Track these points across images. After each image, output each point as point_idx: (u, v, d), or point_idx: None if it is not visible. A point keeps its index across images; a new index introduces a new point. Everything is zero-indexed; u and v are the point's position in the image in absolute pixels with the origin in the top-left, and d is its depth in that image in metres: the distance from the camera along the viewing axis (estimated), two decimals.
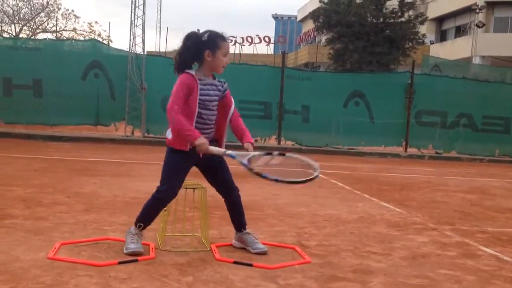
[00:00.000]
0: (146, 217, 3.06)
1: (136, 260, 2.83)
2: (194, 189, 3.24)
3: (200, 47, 2.96)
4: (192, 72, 2.98)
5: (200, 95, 2.96)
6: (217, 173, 3.15)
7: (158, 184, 3.06)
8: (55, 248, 2.92)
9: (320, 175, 2.91)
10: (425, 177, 8.29)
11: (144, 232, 3.09)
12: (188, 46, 2.98)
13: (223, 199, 3.24)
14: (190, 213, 3.69)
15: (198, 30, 3.09)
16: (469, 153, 13.13)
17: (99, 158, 7.99)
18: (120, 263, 2.76)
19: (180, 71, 3.00)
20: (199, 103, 2.96)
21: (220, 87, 3.08)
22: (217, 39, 2.98)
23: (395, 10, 25.30)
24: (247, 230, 3.25)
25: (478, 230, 4.32)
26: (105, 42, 26.99)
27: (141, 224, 3.05)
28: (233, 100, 3.16)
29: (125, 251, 2.94)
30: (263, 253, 3.13)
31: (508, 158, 13.29)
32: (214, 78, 3.08)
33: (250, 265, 2.88)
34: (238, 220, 3.23)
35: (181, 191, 3.18)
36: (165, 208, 3.12)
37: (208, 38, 2.96)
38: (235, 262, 2.91)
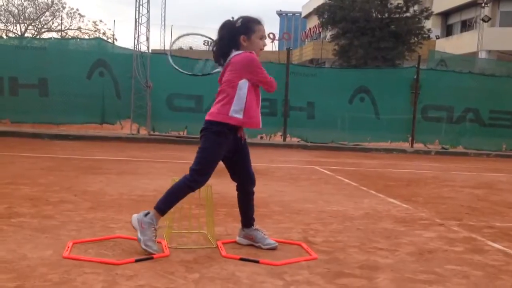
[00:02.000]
0: (170, 203, 3.00)
1: (152, 258, 2.83)
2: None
3: (236, 33, 3.00)
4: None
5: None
6: (244, 158, 3.14)
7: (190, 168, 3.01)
8: (68, 247, 2.93)
9: (326, 171, 2.90)
10: (431, 172, 8.26)
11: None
12: (223, 35, 3.03)
13: (236, 191, 3.22)
14: (196, 210, 3.70)
15: (232, 18, 3.12)
16: (476, 148, 13.07)
17: (105, 157, 8.02)
18: (137, 261, 2.77)
19: (219, 59, 3.06)
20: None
21: None
22: (251, 23, 3.02)
23: (400, 5, 25.15)
24: (255, 226, 3.25)
25: (486, 225, 4.29)
26: (110, 40, 27.04)
27: (162, 209, 2.98)
28: None
29: (144, 247, 2.88)
30: (274, 249, 3.14)
31: None
32: None
33: (257, 261, 2.88)
34: (248, 215, 3.22)
35: None
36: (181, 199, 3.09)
37: (241, 23, 3.01)
38: (241, 259, 2.91)
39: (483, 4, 26.83)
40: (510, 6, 28.81)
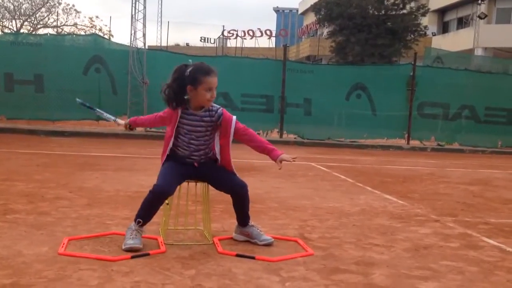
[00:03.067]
0: (144, 213, 3.04)
1: (148, 254, 2.83)
2: (196, 182, 3.24)
3: (183, 83, 3.03)
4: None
5: (179, 123, 3.10)
6: (217, 179, 3.17)
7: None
8: (64, 244, 2.92)
9: (323, 168, 2.92)
10: (427, 169, 8.28)
11: (145, 227, 3.08)
12: (174, 79, 3.07)
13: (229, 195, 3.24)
14: (192, 206, 3.70)
15: (190, 61, 3.14)
16: (471, 145, 13.10)
17: (102, 153, 8.00)
18: (133, 257, 2.77)
19: (171, 103, 3.10)
20: (176, 129, 3.11)
21: (207, 118, 3.11)
22: (199, 74, 3.01)
23: (396, 2, 25.18)
24: (251, 223, 3.25)
25: (481, 221, 4.31)
26: (106, 36, 26.97)
27: (140, 220, 3.03)
28: (233, 118, 3.16)
29: (123, 247, 2.91)
30: (270, 244, 3.15)
31: (511, 149, 13.26)
32: (206, 109, 3.11)
33: (253, 258, 2.89)
34: (243, 214, 3.23)
35: (184, 185, 3.18)
36: (167, 202, 3.12)
37: (189, 73, 3.02)
38: (237, 255, 2.91)
39: (479, 1, 26.85)
40: (507, 3, 28.86)
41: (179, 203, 3.32)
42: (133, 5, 12.02)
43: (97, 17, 35.24)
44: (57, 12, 33.47)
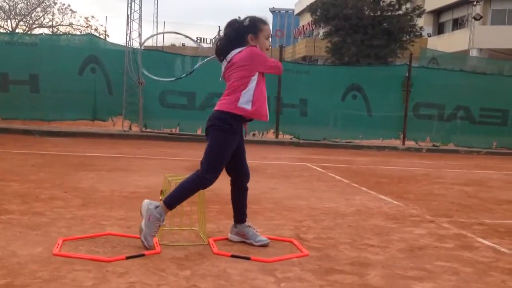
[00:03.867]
0: (179, 198, 3.01)
1: (143, 255, 2.83)
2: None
3: (243, 32, 3.06)
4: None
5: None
6: (241, 152, 3.17)
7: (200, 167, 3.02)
8: (58, 245, 2.91)
9: (319, 168, 2.93)
10: (422, 169, 8.30)
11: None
12: (229, 32, 3.07)
13: (230, 186, 3.23)
14: (187, 207, 3.69)
15: (239, 17, 3.15)
16: (466, 145, 13.14)
17: (97, 153, 7.98)
18: (128, 258, 2.76)
19: (223, 55, 3.08)
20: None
21: None
22: (259, 22, 3.08)
23: (392, 3, 25.24)
24: (247, 223, 3.25)
25: (476, 222, 4.33)
26: (101, 36, 26.90)
27: (170, 204, 2.99)
28: None
29: (142, 239, 2.92)
30: (266, 245, 3.15)
31: (506, 150, 13.31)
32: None
33: (248, 258, 2.89)
34: (242, 210, 3.22)
35: None
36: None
37: (249, 22, 3.07)
38: (232, 256, 2.91)
39: (474, 3, 26.95)
40: (502, 5, 28.99)
41: None
42: (129, 5, 12.00)
43: (92, 17, 35.24)
44: (53, 12, 33.39)
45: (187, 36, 3.65)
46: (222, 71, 3.13)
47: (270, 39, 3.15)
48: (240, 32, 3.05)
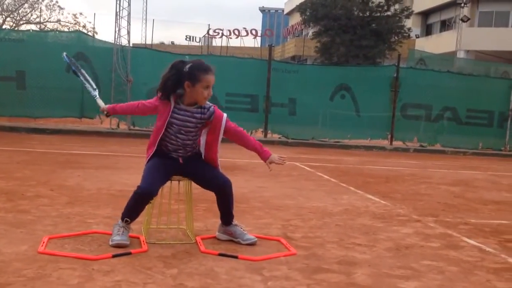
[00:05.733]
0: (130, 213, 3.05)
1: (129, 253, 2.81)
2: (179, 181, 3.23)
3: (181, 78, 3.02)
4: (171, 97, 3.09)
5: (171, 117, 3.07)
6: (201, 174, 3.17)
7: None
8: (44, 243, 2.88)
9: (307, 167, 2.94)
10: (409, 169, 8.36)
11: (132, 225, 3.07)
12: (171, 74, 3.05)
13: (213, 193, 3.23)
14: (175, 205, 3.68)
15: (186, 57, 3.14)
16: (453, 146, 13.26)
17: (84, 151, 7.91)
18: (114, 256, 2.74)
19: (162, 96, 3.10)
20: (167, 125, 3.08)
21: (198, 114, 3.11)
22: (198, 72, 3.02)
23: (381, 4, 25.38)
24: (235, 222, 3.24)
25: (461, 221, 4.37)
26: (90, 33, 26.67)
27: (127, 219, 3.04)
28: (224, 117, 3.18)
29: (110, 243, 2.93)
30: (254, 244, 3.15)
31: (491, 151, 13.46)
32: (198, 106, 3.11)
33: (235, 257, 2.88)
34: (228, 214, 3.22)
35: (167, 183, 3.16)
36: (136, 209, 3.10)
37: (189, 69, 3.02)
38: (220, 254, 2.91)
39: (462, 4, 27.19)
40: (489, 7, 29.28)
41: (162, 201, 3.30)
42: (118, 2, 11.91)
43: (81, 13, 34.81)
44: (40, 8, 32.98)
45: None
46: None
47: (211, 89, 3.10)
48: (179, 76, 3.03)
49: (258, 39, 41.09)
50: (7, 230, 3.14)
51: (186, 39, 40.11)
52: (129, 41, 11.92)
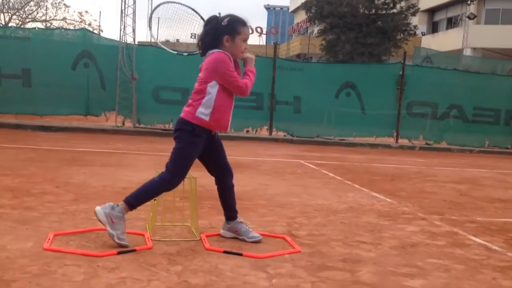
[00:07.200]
0: (142, 200, 2.97)
1: (134, 250, 2.81)
2: (184, 178, 3.22)
3: (220, 32, 2.94)
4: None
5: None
6: (220, 152, 3.12)
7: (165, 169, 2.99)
8: (49, 239, 2.89)
9: (312, 165, 2.92)
10: (415, 167, 8.33)
11: (136, 222, 3.06)
12: (207, 31, 2.97)
13: (215, 185, 3.21)
14: (180, 203, 3.68)
15: (219, 13, 3.07)
16: (459, 144, 13.21)
17: (89, 148, 7.93)
18: (119, 253, 2.74)
19: (202, 54, 3.01)
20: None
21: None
22: (237, 24, 2.95)
23: (387, 1, 25.28)
24: (240, 219, 3.24)
25: (467, 219, 4.34)
26: (95, 31, 26.75)
27: (134, 204, 2.94)
28: None
29: (117, 241, 2.83)
30: (258, 242, 3.14)
31: (498, 149, 13.39)
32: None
33: (240, 254, 2.88)
34: (231, 207, 3.20)
35: None
36: (154, 198, 3.10)
37: (227, 23, 2.94)
38: (225, 252, 2.90)
39: (468, 2, 27.05)
40: (495, 4, 29.12)
41: (167, 199, 3.30)
42: (123, 0, 11.92)
43: (86, 11, 34.98)
44: (46, 6, 33.15)
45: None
46: (200, 68, 3.06)
47: (247, 42, 3.02)
48: (217, 31, 2.93)
49: (263, 37, 41.10)
50: (13, 227, 3.15)
51: (191, 37, 40.14)
52: (134, 39, 11.93)
